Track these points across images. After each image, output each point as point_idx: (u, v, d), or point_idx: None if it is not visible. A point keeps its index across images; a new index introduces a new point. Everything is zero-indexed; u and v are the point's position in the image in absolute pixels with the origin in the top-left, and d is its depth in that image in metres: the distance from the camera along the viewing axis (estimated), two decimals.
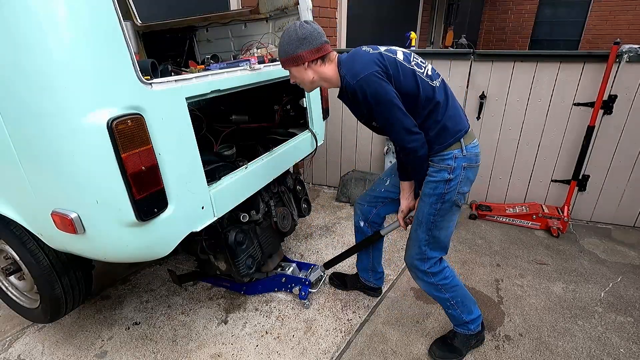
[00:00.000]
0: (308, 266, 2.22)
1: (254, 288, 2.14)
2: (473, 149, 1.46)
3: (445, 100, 1.42)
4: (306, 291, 2.02)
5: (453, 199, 1.45)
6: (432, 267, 1.58)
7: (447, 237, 1.56)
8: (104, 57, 1.08)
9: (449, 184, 1.42)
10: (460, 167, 1.42)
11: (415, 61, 1.41)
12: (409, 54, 1.44)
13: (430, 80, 1.39)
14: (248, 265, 1.88)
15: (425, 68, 1.42)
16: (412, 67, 1.37)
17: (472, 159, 1.45)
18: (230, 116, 2.29)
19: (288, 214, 2.21)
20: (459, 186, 1.44)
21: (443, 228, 1.52)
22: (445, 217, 1.49)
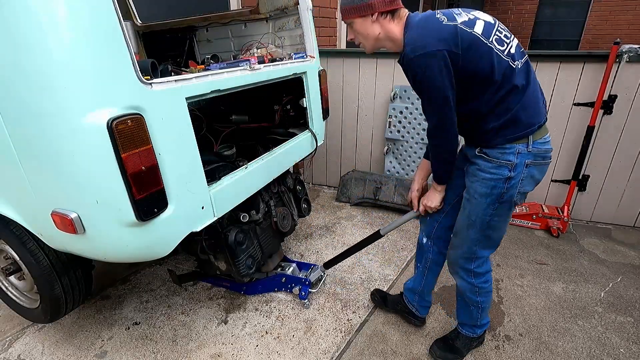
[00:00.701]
0: (308, 266, 2.22)
1: (254, 288, 2.14)
2: (542, 144, 1.28)
3: (524, 85, 1.23)
4: (306, 291, 2.02)
5: (513, 199, 1.31)
6: (479, 267, 1.49)
7: (501, 236, 1.45)
8: (104, 57, 1.08)
9: (509, 182, 1.27)
10: (522, 164, 1.26)
11: (497, 36, 1.20)
12: (491, 25, 1.21)
13: (511, 59, 1.20)
14: (248, 265, 1.88)
15: (509, 45, 1.22)
16: (491, 45, 1.17)
17: (539, 155, 1.28)
18: (230, 116, 2.29)
19: (288, 214, 2.21)
20: (521, 185, 1.29)
21: (498, 228, 1.40)
22: (502, 217, 1.37)
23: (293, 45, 2.41)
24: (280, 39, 2.44)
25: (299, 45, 2.35)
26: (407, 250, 2.56)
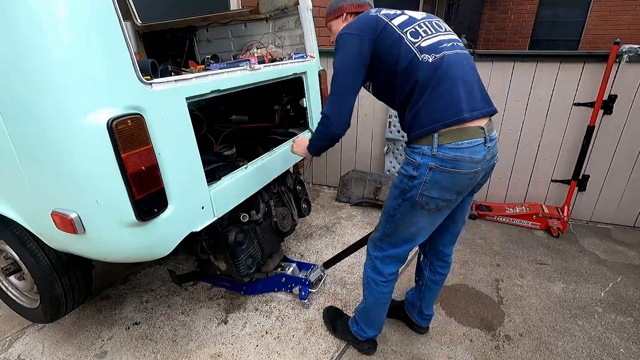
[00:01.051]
0: (308, 266, 2.22)
1: (254, 288, 2.14)
2: (452, 150, 1.20)
3: (430, 80, 1.20)
4: (306, 291, 2.02)
5: (415, 199, 1.28)
6: (380, 262, 1.50)
7: (403, 239, 1.42)
8: (104, 57, 1.08)
9: (412, 181, 1.26)
10: (425, 165, 1.23)
11: (414, 29, 1.25)
12: (413, 20, 1.27)
13: (419, 52, 1.21)
14: (248, 265, 1.88)
15: (425, 38, 1.24)
16: (402, 35, 1.24)
17: (446, 162, 1.21)
18: (230, 116, 2.29)
19: (288, 214, 2.21)
20: (424, 188, 1.25)
21: (400, 226, 1.38)
22: (405, 217, 1.35)
23: (293, 45, 2.41)
24: (280, 39, 2.44)
25: (299, 45, 2.36)
26: None
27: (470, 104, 1.22)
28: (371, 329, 1.69)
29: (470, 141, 1.21)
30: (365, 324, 1.68)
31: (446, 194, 1.29)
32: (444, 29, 1.31)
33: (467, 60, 1.29)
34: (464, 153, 1.21)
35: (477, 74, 1.32)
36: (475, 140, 1.22)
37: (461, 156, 1.21)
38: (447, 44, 1.26)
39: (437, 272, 1.67)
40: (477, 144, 1.22)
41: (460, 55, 1.27)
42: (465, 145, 1.21)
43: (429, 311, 1.80)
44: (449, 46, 1.25)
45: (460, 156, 1.21)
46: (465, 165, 1.23)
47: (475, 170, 1.26)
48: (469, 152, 1.21)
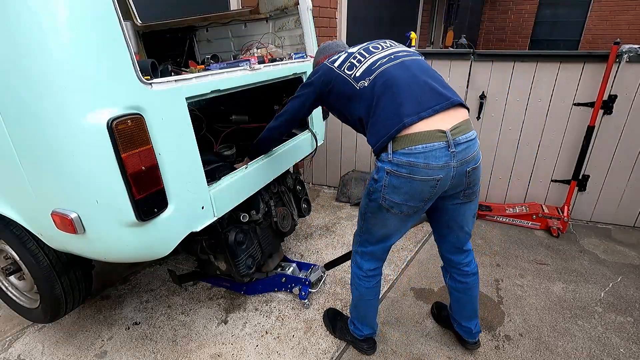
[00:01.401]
0: (308, 266, 2.22)
1: (254, 288, 2.14)
2: (406, 156, 1.20)
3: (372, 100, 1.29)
4: (306, 291, 2.02)
5: (379, 202, 1.32)
6: (360, 257, 1.57)
7: (379, 240, 1.46)
8: (104, 57, 1.08)
9: (375, 184, 1.32)
10: (383, 170, 1.26)
11: (350, 62, 1.39)
12: (349, 55, 1.43)
13: (356, 81, 1.34)
14: (248, 265, 1.88)
15: (361, 66, 1.36)
16: (341, 72, 1.40)
17: (400, 167, 1.21)
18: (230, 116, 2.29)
19: (288, 214, 2.21)
20: (384, 192, 1.29)
21: (373, 226, 1.43)
22: (374, 217, 1.40)
23: (293, 45, 2.41)
24: (280, 39, 2.44)
25: (299, 45, 2.36)
26: (407, 250, 2.56)
27: (415, 107, 1.21)
28: (365, 327, 1.70)
29: (424, 146, 1.18)
30: (358, 322, 1.70)
31: (409, 201, 1.28)
32: (380, 47, 1.42)
33: (411, 64, 1.33)
34: (418, 158, 1.19)
35: (428, 74, 1.33)
36: (431, 145, 1.18)
37: (415, 161, 1.19)
38: (382, 60, 1.34)
39: (456, 280, 1.63)
40: (434, 149, 1.19)
41: (401, 64, 1.32)
42: (419, 150, 1.19)
43: (468, 324, 1.68)
44: (385, 61, 1.33)
45: (414, 161, 1.19)
46: (420, 172, 1.20)
47: (436, 178, 1.22)
48: (424, 157, 1.19)
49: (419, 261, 2.46)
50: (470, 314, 1.67)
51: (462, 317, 1.69)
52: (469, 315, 1.67)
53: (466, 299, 1.64)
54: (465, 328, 1.70)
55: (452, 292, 1.67)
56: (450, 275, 1.65)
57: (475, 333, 1.70)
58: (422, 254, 2.54)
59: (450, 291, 1.68)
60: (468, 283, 1.61)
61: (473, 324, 1.69)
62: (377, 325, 1.74)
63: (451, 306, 1.73)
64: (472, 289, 1.62)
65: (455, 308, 1.70)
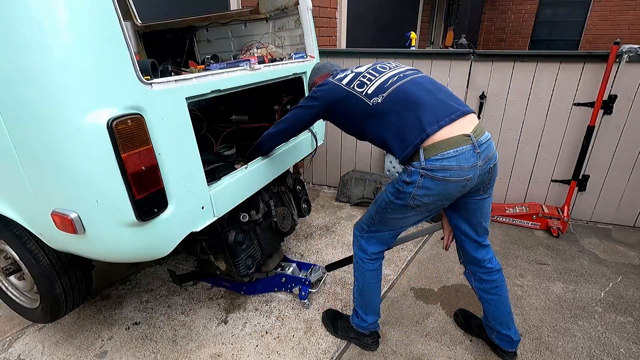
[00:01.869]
0: (308, 266, 2.22)
1: (254, 288, 2.14)
2: (441, 161, 1.28)
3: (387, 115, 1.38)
4: (306, 291, 2.02)
5: (407, 201, 1.38)
6: (366, 241, 1.61)
7: (391, 228, 1.56)
8: (104, 57, 1.08)
9: (407, 185, 1.35)
10: (417, 173, 1.31)
11: (359, 81, 1.46)
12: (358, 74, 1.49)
13: (369, 98, 1.41)
14: (248, 265, 1.88)
15: (372, 85, 1.44)
16: (351, 90, 1.46)
17: (436, 171, 1.29)
18: (230, 116, 2.29)
19: (288, 214, 2.21)
20: (417, 192, 1.34)
21: (390, 219, 1.51)
22: (395, 213, 1.47)
23: (293, 45, 2.41)
24: (280, 39, 2.44)
25: (299, 45, 2.36)
26: (407, 251, 2.56)
27: (434, 118, 1.32)
28: (370, 314, 1.71)
29: (456, 150, 1.28)
30: (363, 311, 1.71)
31: (438, 200, 1.38)
32: (388, 67, 1.51)
33: (421, 81, 1.44)
34: (452, 162, 1.28)
35: (436, 88, 1.43)
36: (461, 148, 1.29)
37: (449, 165, 1.28)
38: (393, 78, 1.43)
39: (482, 280, 1.62)
40: (464, 151, 1.29)
41: (412, 81, 1.42)
42: (452, 154, 1.28)
43: (507, 331, 1.62)
44: (396, 79, 1.43)
45: (448, 165, 1.28)
46: (454, 174, 1.29)
47: (467, 178, 1.32)
48: (456, 160, 1.28)
49: (419, 261, 2.46)
50: (507, 318, 1.62)
51: (500, 324, 1.62)
52: (506, 321, 1.62)
53: (498, 300, 1.61)
54: (504, 337, 1.64)
55: (482, 295, 1.64)
56: (476, 277, 1.64)
57: (516, 341, 1.64)
58: (422, 254, 2.54)
59: (480, 295, 1.66)
60: (495, 281, 1.60)
61: (512, 331, 1.63)
62: (380, 312, 1.75)
63: (486, 313, 1.67)
64: (500, 288, 1.61)
65: (490, 314, 1.64)
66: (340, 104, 1.49)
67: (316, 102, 1.54)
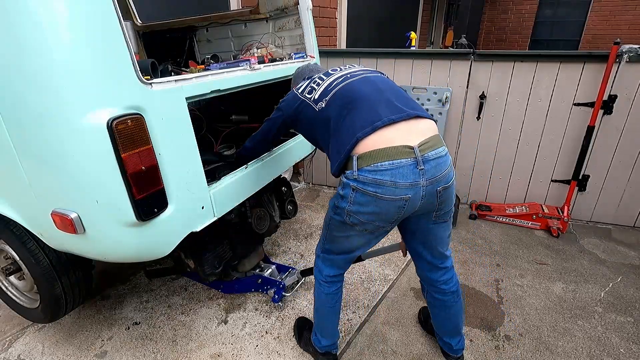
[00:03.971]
0: (287, 269, 2.19)
1: (231, 287, 2.13)
2: (373, 174, 1.13)
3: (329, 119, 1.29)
4: (280, 294, 2.01)
5: (343, 216, 1.27)
6: (319, 260, 1.54)
7: (341, 252, 1.44)
8: (104, 57, 1.08)
9: (341, 199, 1.24)
10: (349, 186, 1.19)
11: (310, 87, 1.42)
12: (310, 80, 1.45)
13: (315, 103, 1.36)
14: (214, 265, 1.85)
15: (319, 89, 1.38)
16: (302, 97, 1.42)
17: (367, 185, 1.14)
18: (230, 116, 2.29)
19: (265, 214, 2.14)
20: (349, 208, 1.22)
21: (336, 239, 1.40)
22: (338, 231, 1.36)
23: (293, 45, 2.41)
24: (280, 39, 2.44)
25: (299, 45, 2.36)
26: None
27: (368, 119, 1.17)
28: (324, 338, 1.62)
29: (392, 162, 1.12)
30: (318, 331, 1.63)
31: (375, 220, 1.23)
32: (339, 69, 1.45)
33: (374, 80, 1.34)
34: (384, 176, 1.12)
35: (386, 87, 1.31)
36: (399, 161, 1.12)
37: (381, 179, 1.12)
38: (338, 80, 1.36)
39: (433, 297, 1.55)
40: (402, 165, 1.12)
41: (361, 80, 1.33)
42: (386, 166, 1.12)
43: (449, 340, 1.61)
44: (341, 80, 1.35)
45: (381, 179, 1.12)
46: (387, 190, 1.13)
47: (403, 198, 1.14)
48: (391, 174, 1.12)
49: None
50: (451, 330, 1.59)
51: (443, 333, 1.63)
52: (449, 332, 1.60)
53: (444, 316, 1.56)
54: (446, 344, 1.64)
55: (430, 307, 1.61)
56: (427, 292, 1.58)
57: (456, 350, 1.62)
58: None
59: (428, 306, 1.63)
60: (446, 301, 1.52)
61: (455, 340, 1.61)
62: (338, 336, 1.66)
63: (435, 323, 1.66)
64: (450, 307, 1.53)
65: (434, 323, 1.64)
66: (299, 113, 1.44)
67: (280, 114, 1.52)
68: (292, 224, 2.93)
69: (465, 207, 3.19)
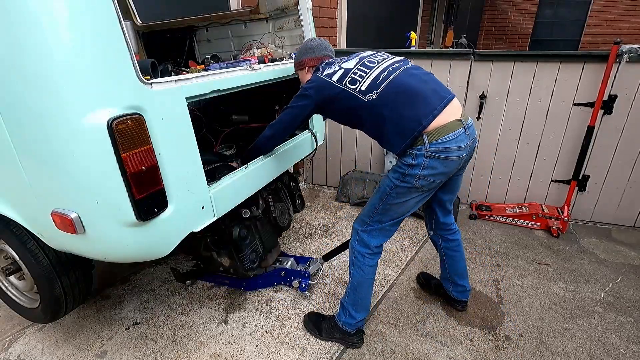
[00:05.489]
0: (305, 260, 2.25)
1: (255, 283, 2.14)
2: (443, 144, 1.43)
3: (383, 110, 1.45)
4: (306, 283, 2.05)
5: (412, 182, 1.48)
6: (367, 235, 1.65)
7: (393, 217, 1.60)
8: (104, 57, 1.08)
9: (412, 168, 1.46)
10: (422, 155, 1.43)
11: (351, 77, 1.52)
12: (348, 70, 1.54)
13: (363, 95, 1.48)
14: (252, 259, 1.91)
15: (364, 81, 1.49)
16: (343, 87, 1.51)
17: (439, 152, 1.44)
18: (230, 116, 2.29)
19: (285, 209, 2.25)
20: (422, 172, 1.46)
21: (393, 206, 1.57)
22: (399, 197, 1.54)
23: (293, 45, 2.41)
24: (280, 39, 2.44)
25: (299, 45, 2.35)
26: (407, 250, 2.56)
27: (427, 109, 1.43)
28: (361, 311, 1.73)
29: (453, 133, 1.44)
30: (354, 308, 1.72)
31: (440, 177, 1.51)
32: (376, 61, 1.56)
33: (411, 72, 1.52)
34: (452, 144, 1.44)
35: (424, 77, 1.52)
36: (457, 131, 1.45)
37: (450, 147, 1.44)
38: (384, 73, 1.50)
39: (448, 239, 1.86)
40: (459, 134, 1.45)
41: (403, 73, 1.50)
42: (451, 137, 1.44)
43: (463, 281, 1.92)
44: (386, 74, 1.50)
45: (450, 147, 1.44)
46: (455, 153, 1.46)
47: (462, 157, 1.50)
48: (455, 142, 1.45)
49: (419, 261, 2.46)
50: (463, 271, 1.91)
51: (458, 275, 1.91)
52: (462, 273, 1.91)
53: (459, 256, 1.89)
54: (459, 287, 1.94)
55: (446, 252, 1.89)
56: (443, 238, 1.88)
57: (468, 291, 1.96)
58: (422, 254, 2.54)
59: (445, 253, 1.90)
60: (458, 240, 1.88)
61: (466, 282, 1.94)
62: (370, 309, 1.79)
63: (446, 268, 1.92)
64: (460, 245, 1.89)
65: (451, 268, 1.91)
66: (334, 100, 1.54)
67: (309, 101, 1.57)
68: (292, 224, 2.93)
69: (465, 207, 3.19)
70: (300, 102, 1.60)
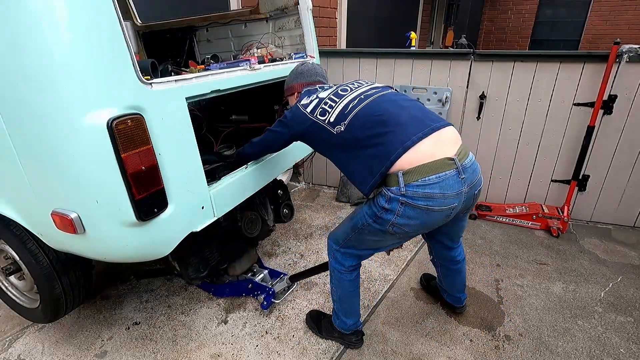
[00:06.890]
0: (278, 275, 2.17)
1: (222, 291, 2.10)
2: (422, 188, 1.17)
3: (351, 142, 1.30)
4: (269, 301, 1.98)
5: (386, 226, 1.29)
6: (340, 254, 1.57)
7: (368, 249, 1.53)
8: (104, 57, 1.08)
9: (386, 212, 1.26)
10: (397, 200, 1.21)
11: (322, 108, 1.40)
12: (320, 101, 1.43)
13: (332, 127, 1.34)
14: (199, 268, 1.83)
15: (333, 112, 1.36)
16: (314, 119, 1.41)
17: (417, 199, 1.18)
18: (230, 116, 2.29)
19: (257, 218, 2.08)
20: (396, 220, 1.25)
21: (366, 240, 1.45)
22: (372, 235, 1.40)
23: (293, 45, 2.41)
24: (280, 39, 2.44)
25: (299, 45, 2.36)
26: (407, 250, 2.56)
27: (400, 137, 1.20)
28: (350, 317, 1.71)
29: (438, 175, 1.17)
30: (344, 314, 1.70)
31: (419, 229, 1.31)
32: (349, 89, 1.43)
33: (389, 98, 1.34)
34: (434, 189, 1.17)
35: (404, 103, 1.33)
36: (444, 174, 1.18)
37: (431, 193, 1.17)
38: (354, 101, 1.34)
39: (447, 268, 1.80)
40: (447, 177, 1.18)
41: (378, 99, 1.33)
42: (434, 180, 1.17)
43: (458, 294, 1.90)
44: (357, 102, 1.34)
45: (431, 193, 1.17)
46: (438, 202, 1.19)
47: (452, 207, 1.22)
48: (439, 187, 1.17)
49: (419, 261, 2.46)
50: (462, 287, 1.88)
51: (456, 291, 1.89)
52: (461, 288, 1.89)
53: (458, 278, 1.83)
54: (455, 298, 1.92)
55: (443, 275, 1.87)
56: (444, 265, 1.80)
57: (463, 299, 1.93)
58: (422, 254, 2.54)
59: (442, 273, 1.86)
60: (459, 268, 1.79)
61: (464, 294, 1.92)
62: (360, 313, 1.76)
63: (443, 282, 1.90)
64: (461, 270, 1.81)
65: (447, 284, 1.88)
66: (307, 132, 1.44)
67: (285, 130, 1.52)
68: (292, 223, 2.93)
69: None
70: (278, 129, 1.55)
